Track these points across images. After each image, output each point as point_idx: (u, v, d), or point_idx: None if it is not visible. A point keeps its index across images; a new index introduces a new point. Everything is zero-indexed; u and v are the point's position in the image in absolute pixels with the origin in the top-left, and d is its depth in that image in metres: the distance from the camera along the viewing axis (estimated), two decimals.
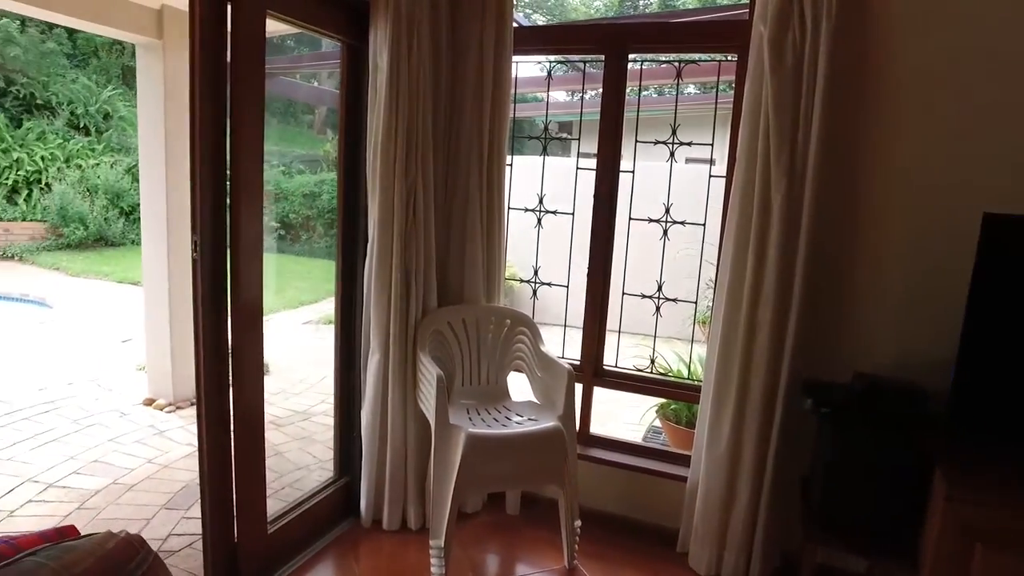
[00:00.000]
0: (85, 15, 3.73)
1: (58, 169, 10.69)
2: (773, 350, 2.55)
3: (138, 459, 3.72)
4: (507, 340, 3.09)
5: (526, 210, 3.45)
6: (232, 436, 2.48)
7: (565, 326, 3.43)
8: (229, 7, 2.17)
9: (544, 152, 3.38)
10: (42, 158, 10.62)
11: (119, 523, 3.07)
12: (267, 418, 4.54)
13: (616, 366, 3.28)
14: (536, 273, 3.46)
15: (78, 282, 8.81)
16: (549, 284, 3.44)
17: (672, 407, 3.86)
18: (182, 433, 4.08)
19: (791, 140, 2.46)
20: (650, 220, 3.18)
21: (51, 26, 11.11)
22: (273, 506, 3.21)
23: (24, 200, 10.41)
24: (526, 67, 3.50)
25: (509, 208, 3.29)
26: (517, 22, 3.09)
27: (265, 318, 7.33)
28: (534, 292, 3.44)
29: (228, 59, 2.22)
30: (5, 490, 3.36)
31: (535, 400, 3.00)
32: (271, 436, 4.20)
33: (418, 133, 2.75)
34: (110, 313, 7.20)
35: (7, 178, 10.35)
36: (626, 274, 3.26)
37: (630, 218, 3.15)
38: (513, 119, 3.16)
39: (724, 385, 2.68)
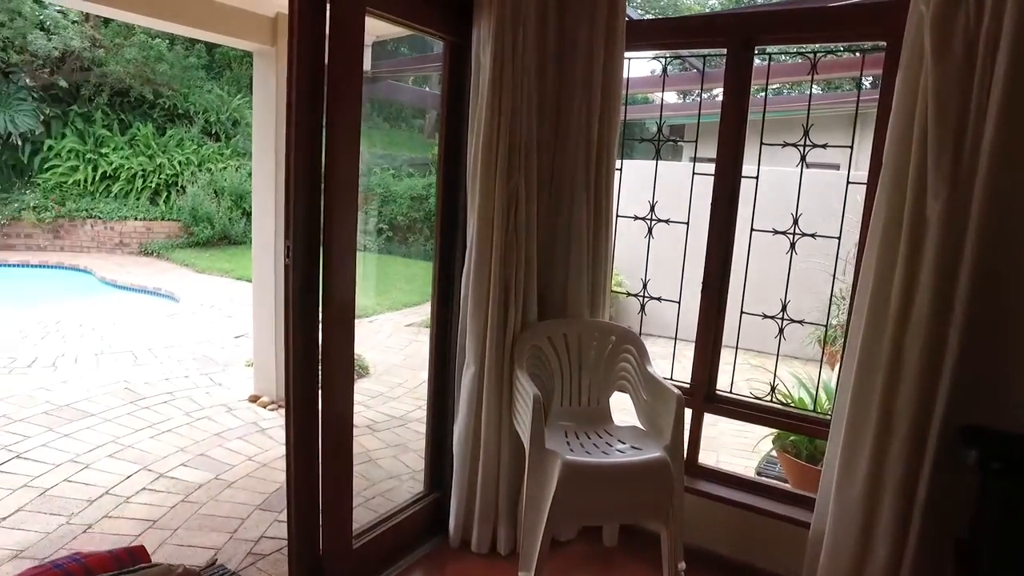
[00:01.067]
0: (207, 26, 3.87)
1: (192, 173, 11.51)
2: (924, 388, 2.17)
3: (240, 456, 3.80)
4: (611, 358, 2.86)
5: (635, 218, 3.21)
6: (320, 445, 2.41)
7: (675, 344, 3.16)
8: (328, 6, 2.10)
9: (657, 156, 3.12)
10: (179, 163, 11.48)
11: (216, 521, 3.11)
12: (363, 422, 4.58)
13: (731, 391, 2.97)
14: (645, 287, 3.21)
15: (202, 278, 9.39)
16: (659, 299, 3.18)
17: (791, 438, 3.48)
18: (282, 432, 4.13)
19: (955, 142, 2.08)
20: (776, 232, 2.85)
21: (193, 43, 11.99)
22: (363, 516, 3.15)
23: (163, 201, 11.28)
24: (633, 67, 3.25)
25: (617, 216, 3.07)
26: (628, 16, 2.87)
27: (369, 319, 7.43)
28: (642, 307, 3.19)
29: (326, 60, 2.15)
30: (124, 476, 3.52)
31: (639, 425, 2.75)
32: (366, 441, 4.19)
33: (521, 135, 2.59)
34: (228, 309, 7.59)
35: (151, 181, 11.26)
36: (745, 290, 2.94)
37: (752, 229, 2.84)
38: (624, 121, 2.94)
39: (860, 424, 2.32)
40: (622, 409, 2.93)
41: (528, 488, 2.41)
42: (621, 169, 2.97)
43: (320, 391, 2.40)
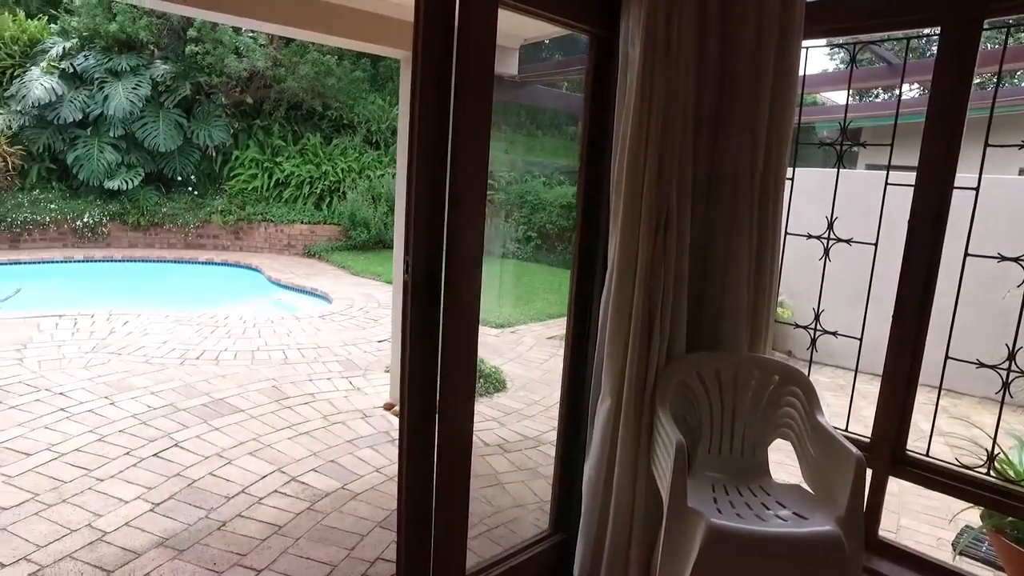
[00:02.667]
0: (357, 35, 3.91)
1: (352, 179, 12.20)
2: None
3: (368, 466, 3.77)
4: (773, 401, 2.42)
5: (809, 237, 2.72)
6: (435, 472, 2.23)
7: (853, 389, 2.63)
8: (456, 1, 1.90)
9: (839, 163, 2.62)
10: (342, 170, 12.21)
11: (337, 535, 3.05)
12: (494, 440, 4.41)
13: (927, 454, 2.41)
14: (817, 318, 2.71)
15: (356, 280, 9.84)
16: (834, 333, 2.67)
17: (1010, 518, 2.78)
18: None
19: None
20: (1002, 258, 2.25)
21: (359, 56, 12.74)
22: (483, 547, 2.95)
23: (326, 206, 12.05)
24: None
25: (787, 234, 2.62)
26: None
27: (511, 329, 7.28)
28: (812, 342, 2.70)
29: (454, 61, 1.96)
30: (259, 476, 3.60)
31: (805, 486, 2.29)
32: (495, 462, 4.01)
33: (674, 139, 2.25)
34: (375, 313, 7.83)
35: (317, 187, 12.08)
36: (953, 328, 2.37)
37: (967, 253, 2.27)
38: (798, 124, 2.49)
39: None
40: (782, 463, 2.47)
41: (664, 549, 2.06)
42: (792, 179, 2.52)
43: (437, 415, 2.22)
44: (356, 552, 2.93)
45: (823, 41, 2.61)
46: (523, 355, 6.59)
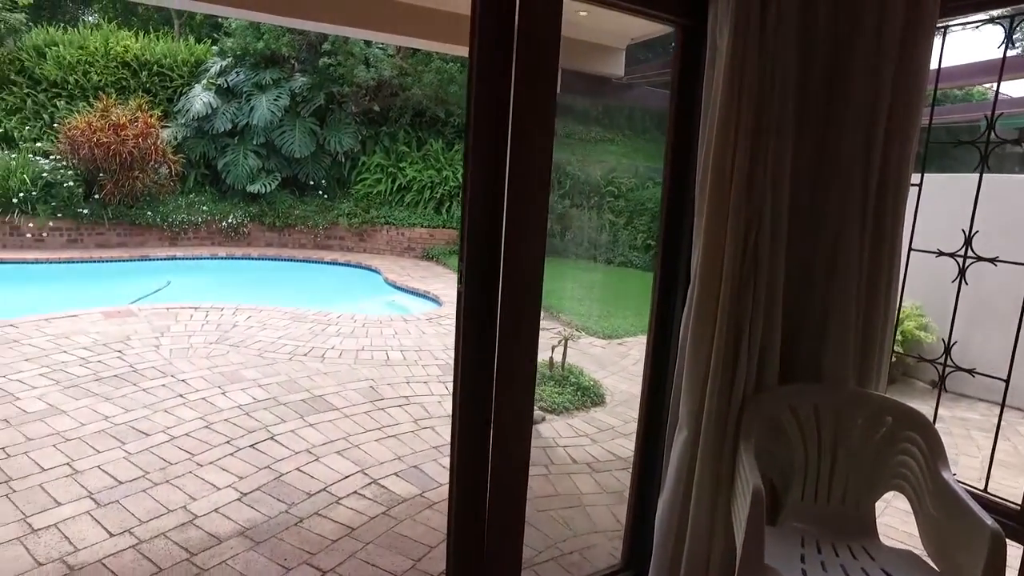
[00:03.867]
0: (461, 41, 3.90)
1: None
2: None
3: (448, 475, 3.70)
4: (884, 447, 2.06)
5: (939, 254, 2.31)
6: (488, 503, 2.09)
7: (996, 437, 2.19)
8: None
9: (982, 166, 2.20)
10: (462, 175, 12.47)
11: (406, 544, 3.00)
12: (584, 458, 4.20)
13: None
14: (948, 351, 2.29)
15: None
16: (971, 371, 2.24)
17: None
18: None
19: None
20: None
21: None
22: (551, 574, 2.78)
23: (446, 210, 12.34)
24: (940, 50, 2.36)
25: (911, 249, 2.23)
26: None
27: (619, 340, 7.00)
28: (941, 379, 2.27)
29: (513, 57, 1.83)
30: (342, 475, 3.64)
31: (922, 555, 1.92)
32: (581, 482, 3.81)
33: (769, 139, 1.97)
34: None
35: (437, 192, 12.41)
36: None
37: None
38: (930, 124, 2.12)
39: None
40: (893, 519, 2.10)
41: None
42: (920, 184, 2.14)
43: (491, 435, 2.09)
44: (422, 564, 2.86)
45: (968, 17, 2.21)
46: (628, 369, 6.31)
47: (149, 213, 10.53)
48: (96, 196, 10.12)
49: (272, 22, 9.97)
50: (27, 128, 10.67)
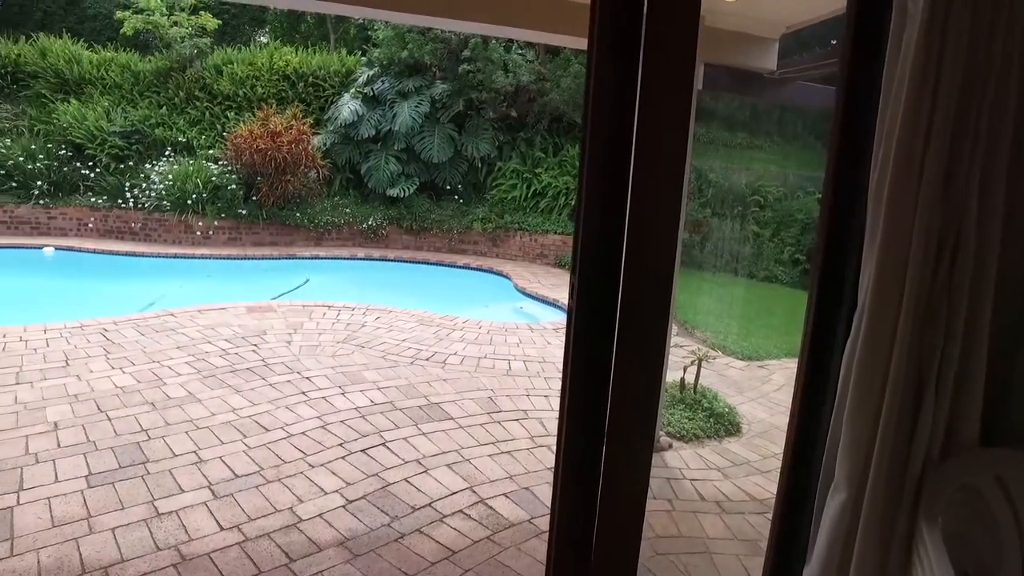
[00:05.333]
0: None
1: None
2: None
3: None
4: None
5: None
6: (595, 539, 1.80)
7: None
8: None
9: None
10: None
11: (505, 575, 2.76)
12: (712, 495, 3.74)
13: None
14: None
15: None
16: None
17: None
18: None
19: None
20: None
21: None
22: None
23: None
24: None
25: None
26: None
27: (759, 362, 6.37)
28: None
29: (641, 48, 1.54)
30: (449, 491, 3.48)
31: None
32: (708, 524, 3.37)
33: (978, 127, 1.50)
34: None
35: (572, 199, 12.21)
36: None
37: None
38: None
39: None
40: None
41: None
42: None
43: (603, 463, 1.80)
44: None
45: None
46: (769, 395, 5.68)
47: (298, 214, 11.21)
48: (253, 198, 10.93)
49: (419, 23, 10.23)
50: (203, 137, 11.77)
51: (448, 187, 12.36)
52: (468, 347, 6.18)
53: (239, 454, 3.69)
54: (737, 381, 5.92)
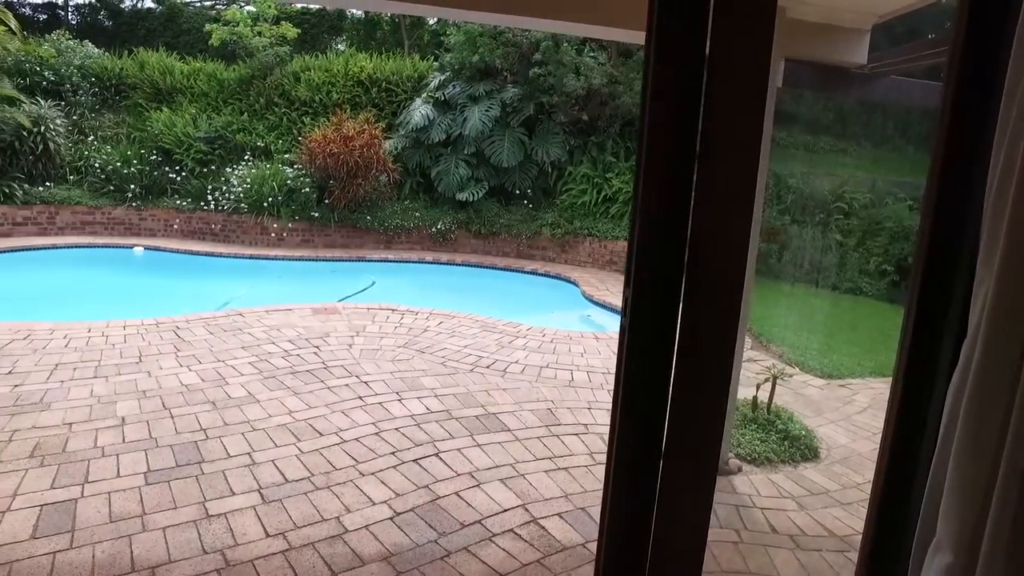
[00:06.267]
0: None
1: None
2: None
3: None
4: None
5: None
6: (647, 571, 1.61)
7: None
8: None
9: None
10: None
11: None
12: (786, 527, 3.43)
13: None
14: None
15: None
16: None
17: None
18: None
19: None
20: None
21: None
22: None
23: None
24: None
25: None
26: None
27: (840, 381, 5.92)
28: None
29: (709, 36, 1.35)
30: (501, 508, 3.33)
31: None
32: (781, 559, 3.09)
33: None
34: None
35: None
36: None
37: None
38: None
39: None
40: None
41: None
42: None
43: (658, 485, 1.62)
44: None
45: None
46: (852, 418, 5.25)
47: (368, 217, 11.38)
48: (326, 201, 11.17)
49: (473, 19, 10.19)
50: (280, 142, 12.15)
51: (517, 192, 12.26)
52: (530, 355, 6.02)
53: (291, 458, 3.66)
54: (816, 401, 5.51)
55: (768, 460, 4.07)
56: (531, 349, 6.23)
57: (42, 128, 10.91)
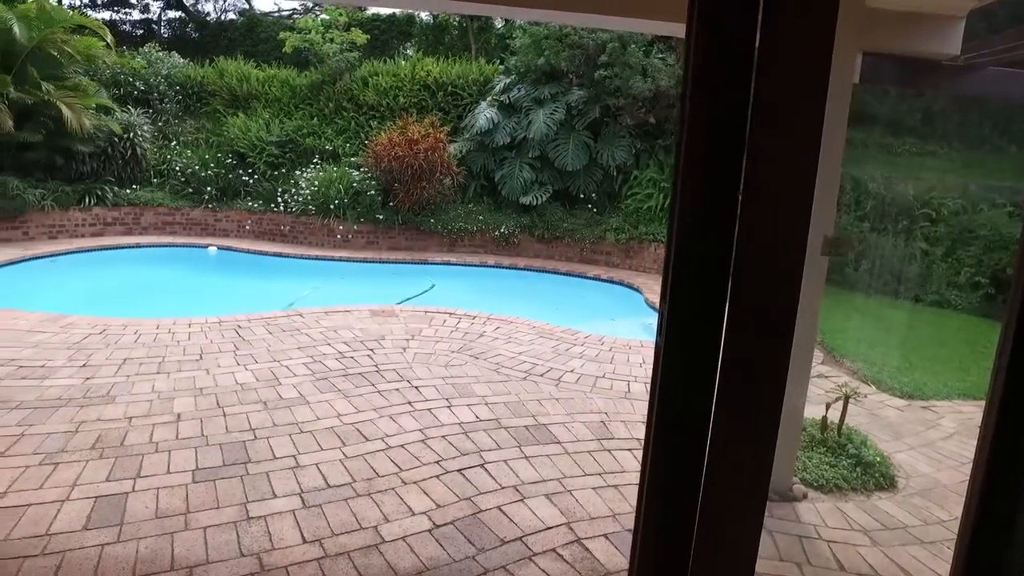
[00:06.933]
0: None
1: None
2: None
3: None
4: None
5: None
6: None
7: None
8: None
9: None
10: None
11: None
12: (855, 564, 3.14)
13: None
14: None
15: None
16: None
17: None
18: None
19: None
20: None
21: None
22: None
23: None
24: None
25: None
26: None
27: (923, 401, 5.48)
28: None
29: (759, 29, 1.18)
30: (544, 525, 3.19)
31: None
32: None
33: None
34: None
35: None
36: None
37: None
38: None
39: None
40: None
41: None
42: None
43: (698, 512, 1.46)
44: None
45: None
46: (935, 444, 4.81)
47: (432, 220, 11.44)
48: (391, 204, 11.31)
49: (526, 17, 10.11)
50: (348, 145, 12.40)
51: (582, 196, 12.08)
52: (586, 364, 5.84)
53: (335, 463, 3.64)
54: (894, 423, 5.09)
55: (837, 487, 3.76)
56: (588, 358, 6.04)
57: (131, 134, 11.53)
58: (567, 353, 6.14)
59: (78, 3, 17.68)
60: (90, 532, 2.95)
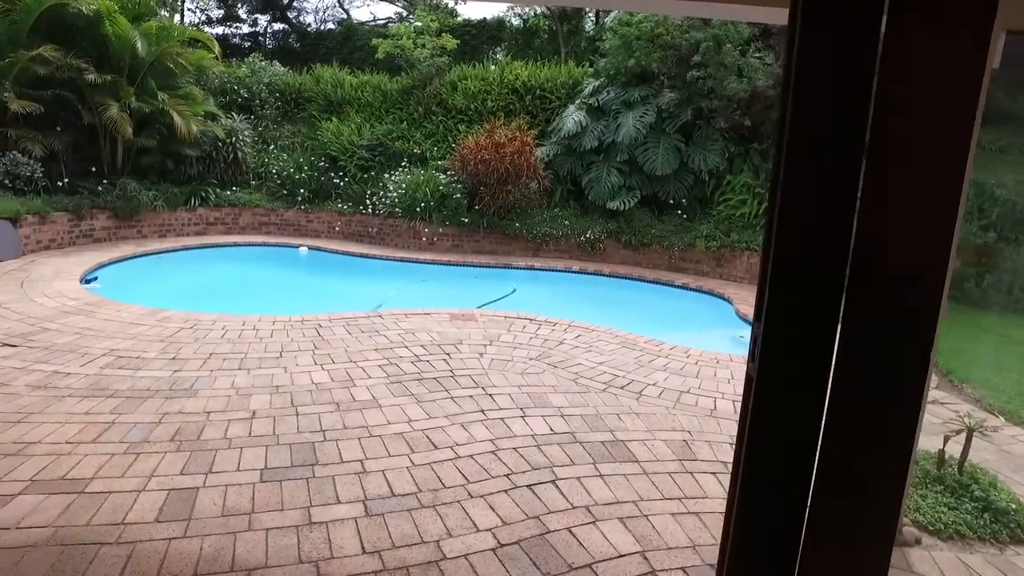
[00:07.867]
0: None
1: None
2: None
3: None
4: None
5: None
6: None
7: None
8: None
9: None
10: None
11: None
12: None
13: None
14: None
15: None
16: None
17: None
18: None
19: None
20: None
21: None
22: None
23: None
24: None
25: None
26: None
27: None
28: None
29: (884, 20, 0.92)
30: (616, 552, 2.93)
31: None
32: None
33: None
34: None
35: None
36: None
37: None
38: None
39: None
40: None
41: None
42: None
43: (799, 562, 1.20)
44: None
45: None
46: None
47: (517, 224, 11.33)
48: (476, 207, 11.29)
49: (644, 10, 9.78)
50: (435, 149, 12.53)
51: (671, 201, 11.63)
52: (670, 378, 5.50)
53: (402, 470, 3.53)
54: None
55: (959, 534, 3.28)
56: (672, 371, 5.70)
57: (233, 139, 12.13)
58: (650, 365, 5.82)
59: (196, 20, 18.95)
60: (160, 525, 2.97)
